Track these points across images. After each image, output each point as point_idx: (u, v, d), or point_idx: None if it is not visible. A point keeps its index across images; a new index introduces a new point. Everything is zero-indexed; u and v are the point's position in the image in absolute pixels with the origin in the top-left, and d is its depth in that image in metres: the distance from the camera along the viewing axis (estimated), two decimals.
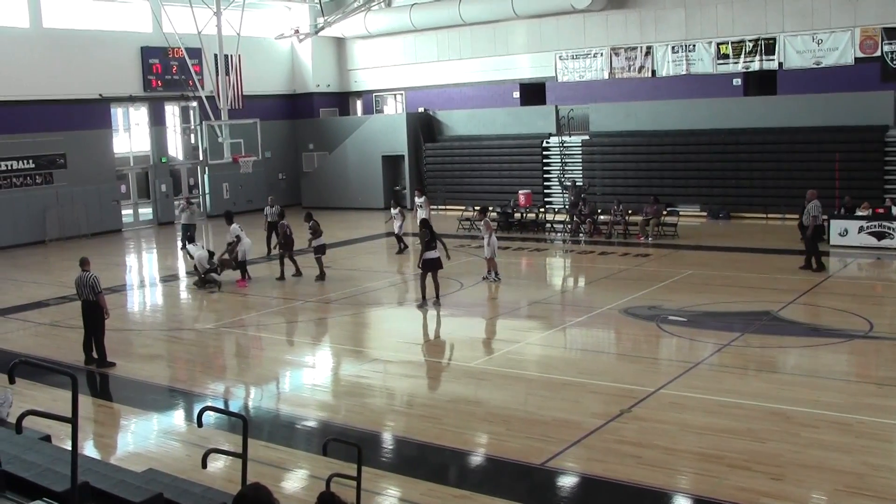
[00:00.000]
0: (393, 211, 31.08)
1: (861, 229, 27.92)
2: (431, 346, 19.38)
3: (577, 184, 37.40)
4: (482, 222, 25.75)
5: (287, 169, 47.86)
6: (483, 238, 25.38)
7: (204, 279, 25.96)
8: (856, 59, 34.17)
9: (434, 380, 16.93)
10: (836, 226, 28.45)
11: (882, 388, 15.00)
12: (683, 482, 11.36)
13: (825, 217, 28.85)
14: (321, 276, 26.41)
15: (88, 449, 12.67)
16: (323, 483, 9.03)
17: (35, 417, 6.63)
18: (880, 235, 27.55)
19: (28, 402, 12.98)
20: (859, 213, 28.72)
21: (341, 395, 16.14)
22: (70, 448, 6.68)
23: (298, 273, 26.77)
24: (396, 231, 30.89)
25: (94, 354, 18.08)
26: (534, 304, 22.91)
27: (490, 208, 28.91)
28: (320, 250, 26.72)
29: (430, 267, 22.27)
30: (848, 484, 10.91)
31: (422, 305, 22.24)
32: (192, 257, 26.50)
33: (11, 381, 6.52)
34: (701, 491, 10.95)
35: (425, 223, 22.92)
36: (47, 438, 9.84)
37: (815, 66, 35.02)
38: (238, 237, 26.27)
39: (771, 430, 12.72)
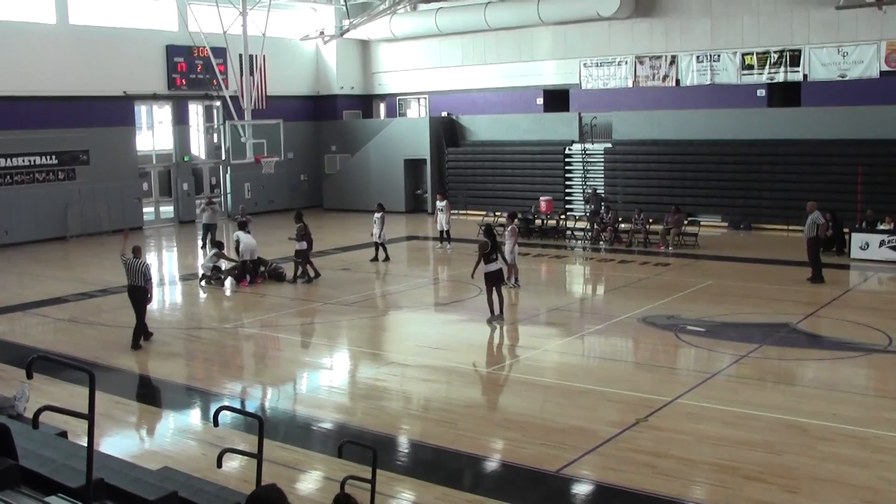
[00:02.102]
0: (376, 216, 29.79)
1: (882, 243, 27.79)
2: (450, 351, 19.32)
3: (598, 191, 37.37)
4: (508, 228, 25.60)
5: (309, 170, 47.93)
6: (506, 244, 25.15)
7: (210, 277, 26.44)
8: (881, 72, 34.01)
9: (450, 384, 16.90)
10: (857, 239, 28.36)
11: None
12: (698, 492, 11.33)
13: (846, 230, 28.86)
14: (294, 280, 26.49)
15: (104, 446, 12.69)
16: (337, 485, 9.04)
17: (52, 413, 6.65)
18: None
19: (45, 397, 13.05)
20: (881, 227, 28.56)
21: (357, 398, 16.17)
22: (86, 444, 6.70)
23: (317, 274, 26.81)
24: (376, 238, 29.76)
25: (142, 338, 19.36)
26: (552, 310, 22.89)
27: (518, 214, 28.73)
28: (300, 254, 26.64)
29: (494, 280, 21.16)
30: (863, 498, 10.87)
31: (492, 320, 21.01)
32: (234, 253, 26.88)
33: (29, 377, 6.56)
34: (715, 501, 10.92)
35: (489, 233, 21.62)
36: (64, 434, 9.88)
37: (839, 78, 34.88)
38: (237, 240, 26.39)
39: (787, 443, 12.68)
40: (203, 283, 26.46)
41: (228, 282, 26.48)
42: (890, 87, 33.50)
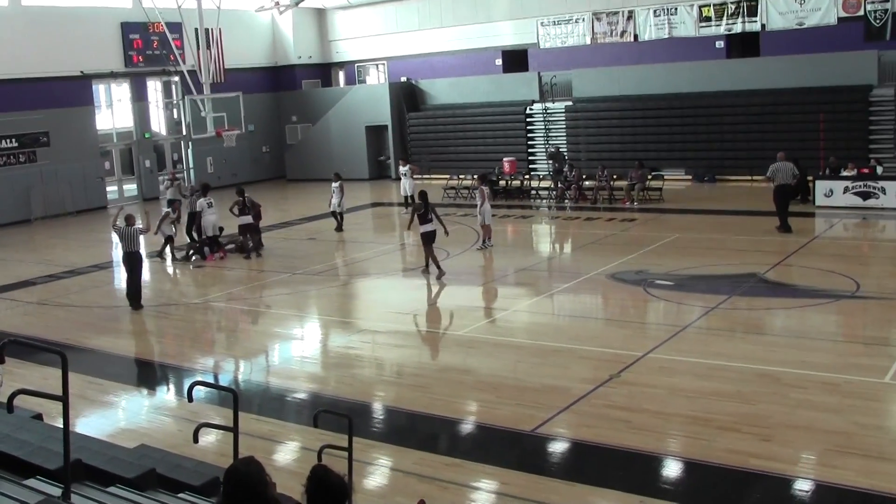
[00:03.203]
0: (333, 185, 29.73)
1: (846, 189, 27.97)
2: (420, 316, 19.36)
3: (560, 149, 37.36)
4: (478, 190, 25.66)
5: (271, 142, 47.67)
6: (478, 205, 25.21)
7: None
8: (839, 18, 34.10)
9: (423, 349, 16.97)
10: (821, 186, 28.51)
11: (869, 347, 15.09)
12: (673, 445, 11.42)
13: (810, 178, 29.02)
14: (248, 256, 26.18)
15: (80, 426, 12.67)
16: (314, 455, 9.07)
17: (26, 396, 6.62)
18: (865, 195, 27.60)
19: (18, 381, 12.98)
20: (844, 173, 28.74)
21: (330, 367, 16.18)
22: (62, 426, 6.68)
23: (256, 248, 26.76)
24: (333, 207, 29.64)
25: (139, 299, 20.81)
26: (521, 271, 22.93)
27: (487, 176, 28.60)
28: (245, 229, 26.41)
29: (427, 239, 22.10)
30: (837, 443, 10.99)
31: (440, 276, 21.86)
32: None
33: (1, 361, 6.52)
34: (691, 454, 11.01)
35: (423, 195, 22.61)
36: (39, 417, 9.86)
37: (797, 26, 34.97)
38: (200, 211, 26.23)
39: (759, 392, 12.79)
40: (177, 256, 26.38)
41: (191, 255, 26.45)
42: (848, 33, 33.61)
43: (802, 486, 10.23)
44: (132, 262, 20.68)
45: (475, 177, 28.71)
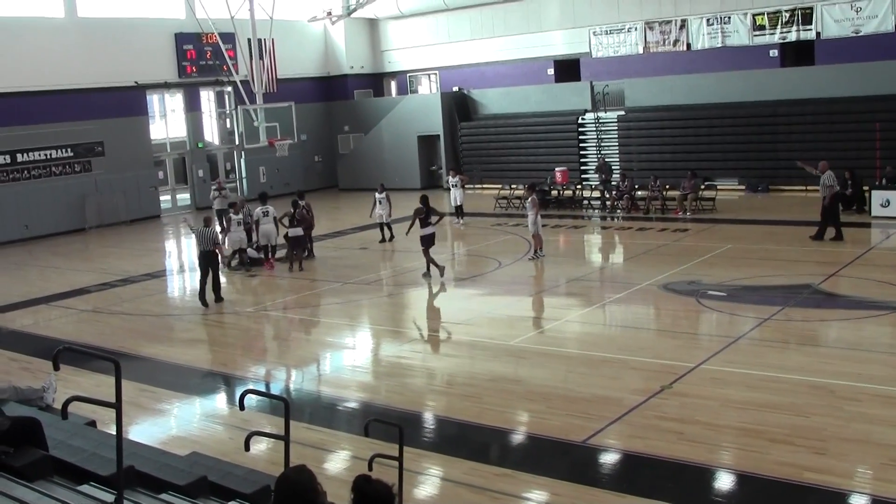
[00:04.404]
0: (378, 196, 29.76)
1: None
2: (470, 326, 19.31)
3: (607, 160, 37.17)
4: (529, 199, 25.58)
5: (323, 151, 47.89)
6: (528, 215, 25.16)
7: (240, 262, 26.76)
8: None
9: (473, 359, 16.91)
10: (877, 196, 28.15)
11: None
12: (725, 457, 11.32)
13: (866, 187, 28.68)
14: (291, 268, 26.17)
15: (133, 433, 12.77)
16: (365, 464, 9.07)
17: (80, 403, 6.68)
18: None
19: (72, 387, 13.13)
20: None
21: (381, 376, 16.21)
22: (115, 433, 6.74)
23: (311, 255, 27.11)
24: (379, 219, 29.68)
25: (211, 296, 22.11)
26: (572, 281, 22.84)
27: (538, 186, 28.56)
28: (296, 242, 26.37)
29: (427, 242, 23.23)
30: (893, 458, 10.82)
31: (442, 274, 23.26)
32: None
33: (56, 368, 6.59)
34: (743, 466, 10.90)
35: (424, 200, 23.58)
36: (92, 424, 9.96)
37: (853, 34, 34.55)
38: (257, 221, 26.36)
39: (813, 405, 12.64)
40: (230, 266, 26.52)
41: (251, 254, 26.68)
42: None
43: (858, 501, 10.09)
44: (208, 260, 21.93)
45: (525, 187, 28.68)
